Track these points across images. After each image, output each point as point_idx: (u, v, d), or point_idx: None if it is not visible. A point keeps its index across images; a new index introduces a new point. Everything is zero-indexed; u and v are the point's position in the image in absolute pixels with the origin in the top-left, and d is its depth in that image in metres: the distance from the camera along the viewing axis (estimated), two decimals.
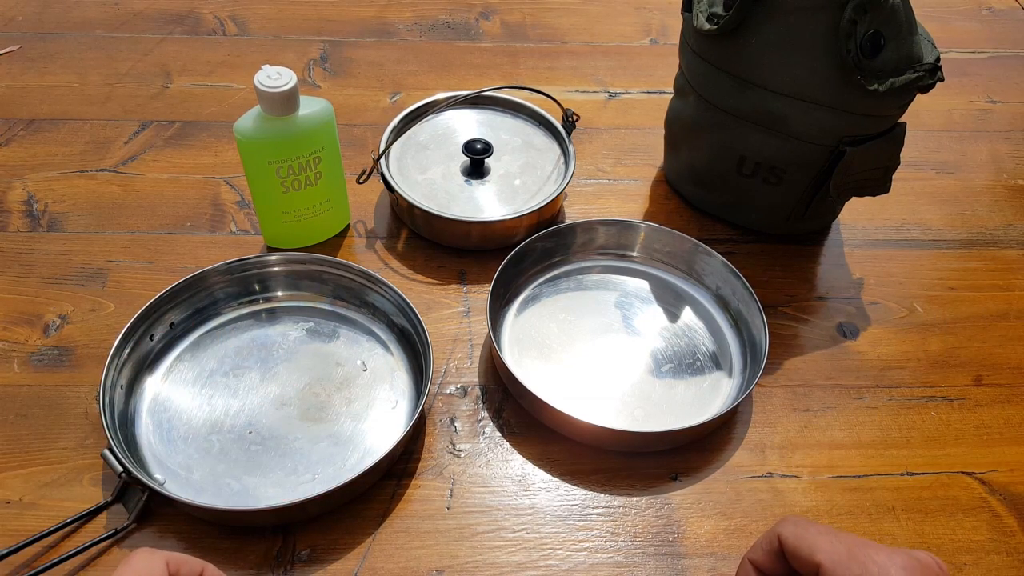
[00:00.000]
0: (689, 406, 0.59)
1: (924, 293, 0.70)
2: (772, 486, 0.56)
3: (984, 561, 0.52)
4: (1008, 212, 0.78)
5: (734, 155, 0.67)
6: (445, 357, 0.62)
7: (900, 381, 0.63)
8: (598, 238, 0.68)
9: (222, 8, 0.95)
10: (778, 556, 0.36)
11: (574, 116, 0.73)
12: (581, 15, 1.00)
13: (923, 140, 0.85)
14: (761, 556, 0.37)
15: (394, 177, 0.69)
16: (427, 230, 0.69)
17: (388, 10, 0.98)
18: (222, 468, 0.53)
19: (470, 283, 0.67)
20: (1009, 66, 0.97)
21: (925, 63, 0.59)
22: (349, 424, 0.56)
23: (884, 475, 0.57)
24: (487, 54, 0.93)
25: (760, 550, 0.37)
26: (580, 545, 0.52)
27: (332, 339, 0.61)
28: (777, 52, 0.60)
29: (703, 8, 0.63)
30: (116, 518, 0.50)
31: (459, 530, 0.52)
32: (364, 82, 0.87)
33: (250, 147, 0.60)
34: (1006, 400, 0.62)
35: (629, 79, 0.90)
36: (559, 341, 0.62)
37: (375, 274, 0.61)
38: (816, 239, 0.74)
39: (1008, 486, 0.57)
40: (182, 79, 0.85)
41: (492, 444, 0.57)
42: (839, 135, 0.62)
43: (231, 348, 0.60)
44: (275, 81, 0.56)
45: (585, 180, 0.77)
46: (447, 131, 0.74)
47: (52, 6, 0.94)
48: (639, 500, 0.54)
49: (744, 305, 0.63)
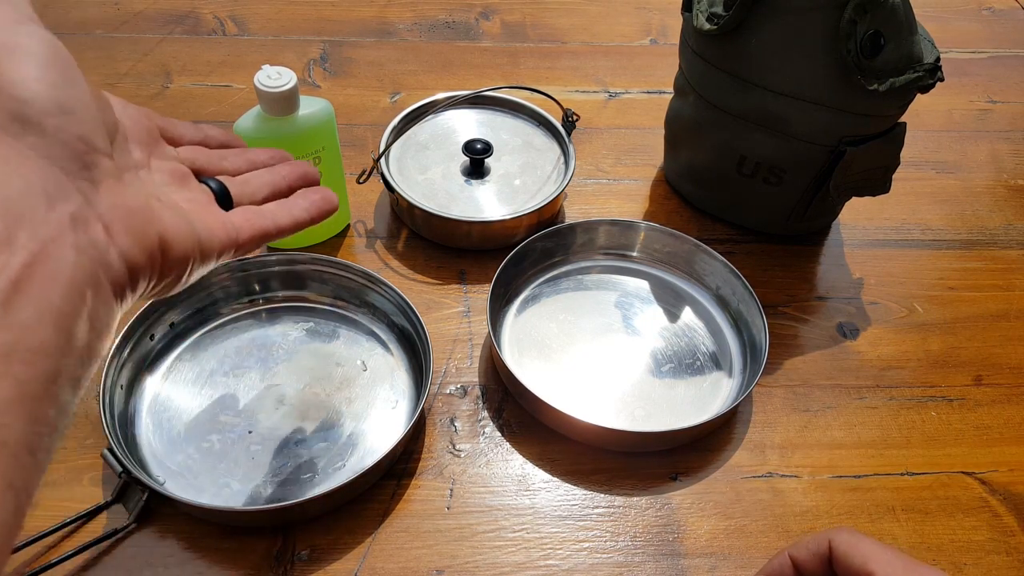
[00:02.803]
0: (689, 406, 0.59)
1: (924, 293, 0.70)
2: (772, 486, 0.56)
3: (984, 561, 0.52)
4: (1008, 212, 0.78)
5: (734, 155, 0.67)
6: (445, 357, 0.62)
7: (900, 381, 0.63)
8: (598, 238, 0.68)
9: (222, 8, 0.95)
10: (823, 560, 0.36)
11: (574, 116, 0.73)
12: (581, 15, 1.00)
13: (923, 140, 0.85)
14: (805, 555, 0.37)
15: (394, 177, 0.69)
16: (427, 230, 0.69)
17: (388, 10, 0.98)
18: (222, 468, 0.53)
19: (470, 283, 0.67)
20: (1009, 66, 0.97)
21: (925, 63, 0.59)
22: (349, 424, 0.56)
23: (884, 475, 0.57)
24: (487, 54, 0.93)
25: (805, 549, 0.37)
26: (580, 545, 0.52)
27: (332, 339, 0.61)
28: (777, 52, 0.60)
29: (703, 8, 0.63)
30: (116, 518, 0.50)
31: (459, 530, 0.52)
32: (364, 82, 0.87)
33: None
34: (1006, 400, 0.62)
35: (629, 79, 0.90)
36: (559, 341, 0.62)
37: (375, 274, 0.61)
38: (816, 239, 0.74)
39: (1008, 486, 0.57)
40: (182, 79, 0.85)
41: (492, 444, 0.57)
42: (839, 135, 0.62)
43: (231, 348, 0.60)
44: (275, 81, 0.56)
45: (585, 180, 0.77)
46: (447, 131, 0.74)
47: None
48: (639, 500, 0.54)
49: (744, 305, 0.63)
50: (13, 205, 0.24)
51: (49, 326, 0.24)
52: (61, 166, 0.26)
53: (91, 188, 0.27)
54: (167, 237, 0.30)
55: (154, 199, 0.31)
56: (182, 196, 0.34)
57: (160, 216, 0.30)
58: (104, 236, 0.27)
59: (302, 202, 0.40)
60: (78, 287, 0.25)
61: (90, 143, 0.27)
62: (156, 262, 0.30)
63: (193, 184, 0.36)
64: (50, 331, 0.24)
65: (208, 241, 0.33)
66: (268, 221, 0.38)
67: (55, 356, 0.24)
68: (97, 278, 0.26)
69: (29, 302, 0.23)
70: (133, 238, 0.28)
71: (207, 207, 0.35)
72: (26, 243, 0.24)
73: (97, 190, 0.27)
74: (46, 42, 0.27)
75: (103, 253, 0.27)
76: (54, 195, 0.25)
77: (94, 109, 0.28)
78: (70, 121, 0.27)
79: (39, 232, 0.24)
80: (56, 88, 0.27)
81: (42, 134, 0.26)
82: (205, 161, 0.39)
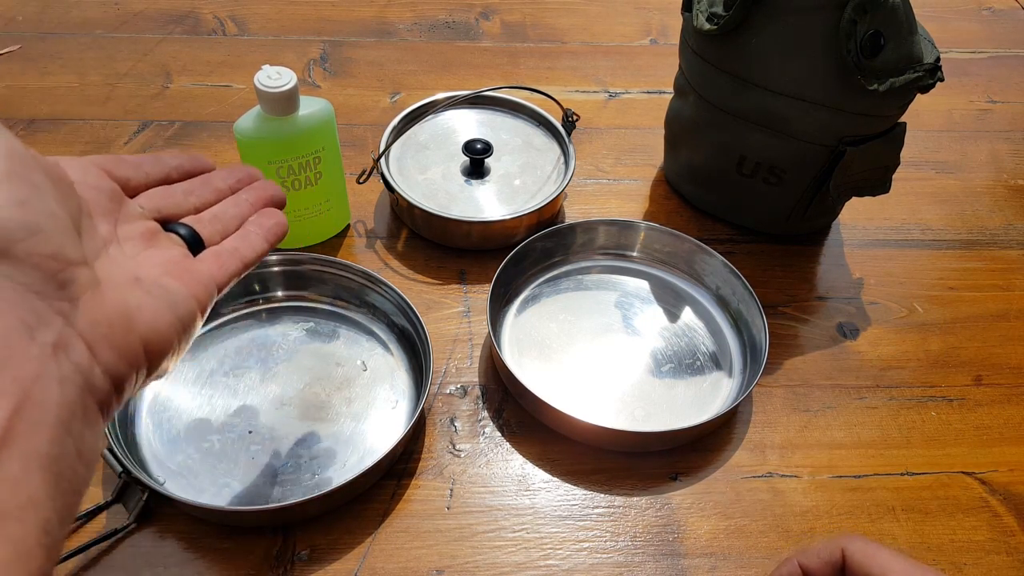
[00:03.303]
0: (689, 406, 0.59)
1: (924, 293, 0.70)
2: (772, 486, 0.56)
3: (984, 561, 0.52)
4: (1008, 212, 0.78)
5: (734, 155, 0.67)
6: (445, 357, 0.62)
7: (900, 381, 0.63)
8: (598, 238, 0.68)
9: (222, 8, 0.95)
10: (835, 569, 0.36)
11: (574, 116, 0.73)
12: (581, 15, 1.00)
13: (923, 140, 0.85)
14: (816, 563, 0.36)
15: (394, 177, 0.69)
16: (427, 230, 0.69)
17: (388, 10, 0.98)
18: (222, 468, 0.53)
19: (470, 283, 0.67)
20: (1009, 66, 0.97)
21: (925, 63, 0.59)
22: (349, 424, 0.56)
23: (884, 475, 0.57)
24: (487, 54, 0.93)
25: (816, 557, 0.36)
26: (580, 545, 0.52)
27: (332, 339, 0.61)
28: (777, 52, 0.60)
29: (703, 8, 0.63)
30: (116, 518, 0.50)
31: (459, 530, 0.52)
32: (364, 82, 0.87)
33: (250, 147, 0.60)
34: (1006, 400, 0.62)
35: (629, 79, 0.90)
36: (559, 341, 0.62)
37: (375, 274, 0.61)
38: (816, 239, 0.74)
39: (1008, 486, 0.57)
40: (182, 79, 0.85)
41: (492, 444, 0.57)
42: (839, 135, 0.62)
43: (231, 348, 0.60)
44: (275, 81, 0.56)
45: (585, 180, 0.77)
46: (447, 131, 0.74)
47: (52, 6, 0.94)
48: (639, 500, 0.54)
49: (744, 305, 0.63)
50: None
51: (37, 476, 0.23)
52: (37, 291, 0.25)
53: (70, 307, 0.26)
54: (149, 336, 0.30)
55: (129, 287, 0.30)
56: (154, 260, 0.33)
57: (140, 314, 0.29)
58: (87, 357, 0.27)
59: (257, 230, 0.40)
60: (64, 424, 0.25)
61: (62, 258, 0.26)
62: (141, 366, 0.29)
63: (163, 240, 0.35)
64: (39, 481, 0.23)
65: (187, 314, 0.32)
66: (237, 261, 0.37)
67: (46, 503, 0.23)
68: (83, 405, 0.26)
69: (15, 456, 0.23)
70: (117, 351, 0.28)
71: (180, 265, 0.34)
72: (9, 389, 0.23)
73: (76, 307, 0.27)
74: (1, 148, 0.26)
75: (88, 376, 0.26)
76: (34, 325, 0.25)
77: (61, 215, 0.27)
78: (39, 241, 0.26)
79: (22, 372, 0.24)
80: (21, 206, 0.25)
81: (13, 262, 0.25)
82: (172, 205, 0.38)
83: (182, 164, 0.40)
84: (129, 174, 0.36)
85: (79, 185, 0.31)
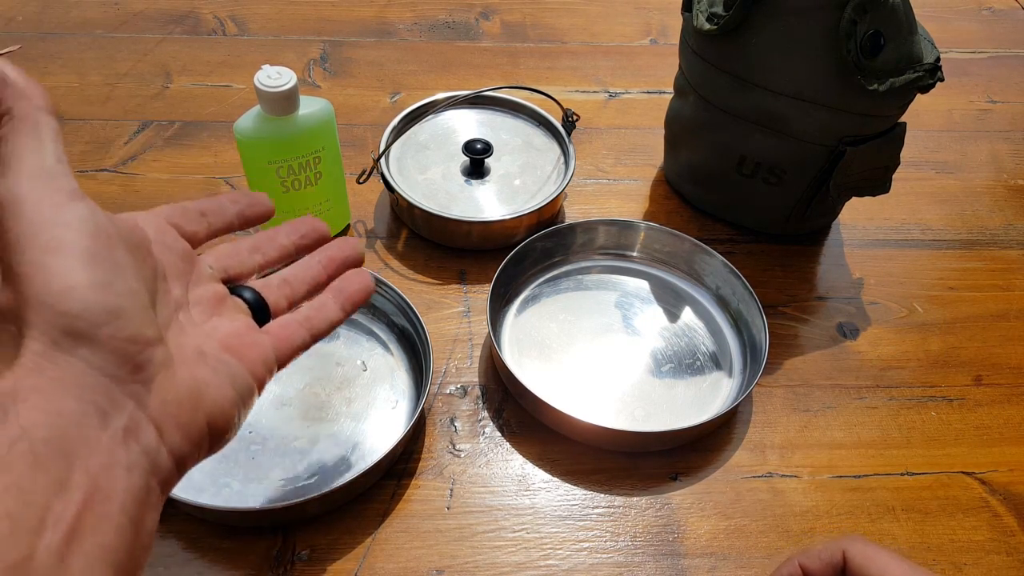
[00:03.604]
0: (689, 406, 0.59)
1: (924, 293, 0.70)
2: (772, 486, 0.56)
3: (984, 561, 0.52)
4: (1008, 212, 0.78)
5: (734, 155, 0.67)
6: (445, 357, 0.62)
7: (900, 381, 0.63)
8: (598, 238, 0.68)
9: (222, 8, 0.95)
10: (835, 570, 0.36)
11: (574, 116, 0.73)
12: (581, 15, 1.00)
13: (923, 140, 0.85)
14: (816, 564, 0.36)
15: (394, 177, 0.69)
16: (427, 230, 0.69)
17: (388, 10, 0.98)
18: (222, 468, 0.53)
19: (470, 283, 0.67)
20: (1009, 66, 0.97)
21: (925, 63, 0.59)
22: (349, 424, 0.56)
23: (884, 475, 0.57)
24: (487, 54, 0.93)
25: (817, 558, 0.37)
26: (580, 545, 0.52)
27: (332, 339, 0.61)
28: (777, 52, 0.60)
29: (703, 8, 0.63)
30: None
31: (459, 530, 0.52)
32: (364, 82, 0.87)
33: (250, 147, 0.60)
34: (1006, 400, 0.62)
35: (629, 79, 0.90)
36: (559, 341, 0.62)
37: (375, 274, 0.60)
38: (816, 239, 0.74)
39: (1008, 486, 0.57)
40: (182, 79, 0.85)
41: (492, 444, 0.57)
42: (839, 135, 0.62)
43: None
44: (275, 81, 0.56)
45: (585, 180, 0.77)
46: (447, 131, 0.75)
47: (52, 6, 0.94)
48: (639, 500, 0.54)
49: (744, 305, 0.63)
50: (69, 438, 0.24)
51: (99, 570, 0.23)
52: (112, 375, 0.26)
53: (143, 390, 0.27)
54: (213, 414, 0.30)
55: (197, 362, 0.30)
56: (220, 330, 0.33)
57: (207, 391, 0.30)
58: (155, 439, 0.27)
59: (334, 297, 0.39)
60: (128, 513, 0.25)
61: (141, 339, 0.26)
62: (204, 444, 0.29)
63: (229, 306, 0.35)
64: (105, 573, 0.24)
65: (246, 389, 0.32)
66: (305, 332, 0.36)
67: None
68: (147, 489, 0.26)
69: (84, 550, 0.23)
70: (183, 431, 0.28)
71: (244, 337, 0.33)
72: (80, 482, 0.23)
73: (149, 389, 0.27)
74: (87, 225, 0.26)
75: (154, 459, 0.27)
76: (108, 411, 0.25)
77: (141, 292, 0.27)
78: (120, 325, 0.26)
79: (92, 462, 0.24)
80: (104, 289, 0.26)
81: (94, 345, 0.25)
82: (238, 264, 0.37)
83: (243, 211, 0.39)
84: (196, 228, 0.36)
85: (156, 246, 0.31)
